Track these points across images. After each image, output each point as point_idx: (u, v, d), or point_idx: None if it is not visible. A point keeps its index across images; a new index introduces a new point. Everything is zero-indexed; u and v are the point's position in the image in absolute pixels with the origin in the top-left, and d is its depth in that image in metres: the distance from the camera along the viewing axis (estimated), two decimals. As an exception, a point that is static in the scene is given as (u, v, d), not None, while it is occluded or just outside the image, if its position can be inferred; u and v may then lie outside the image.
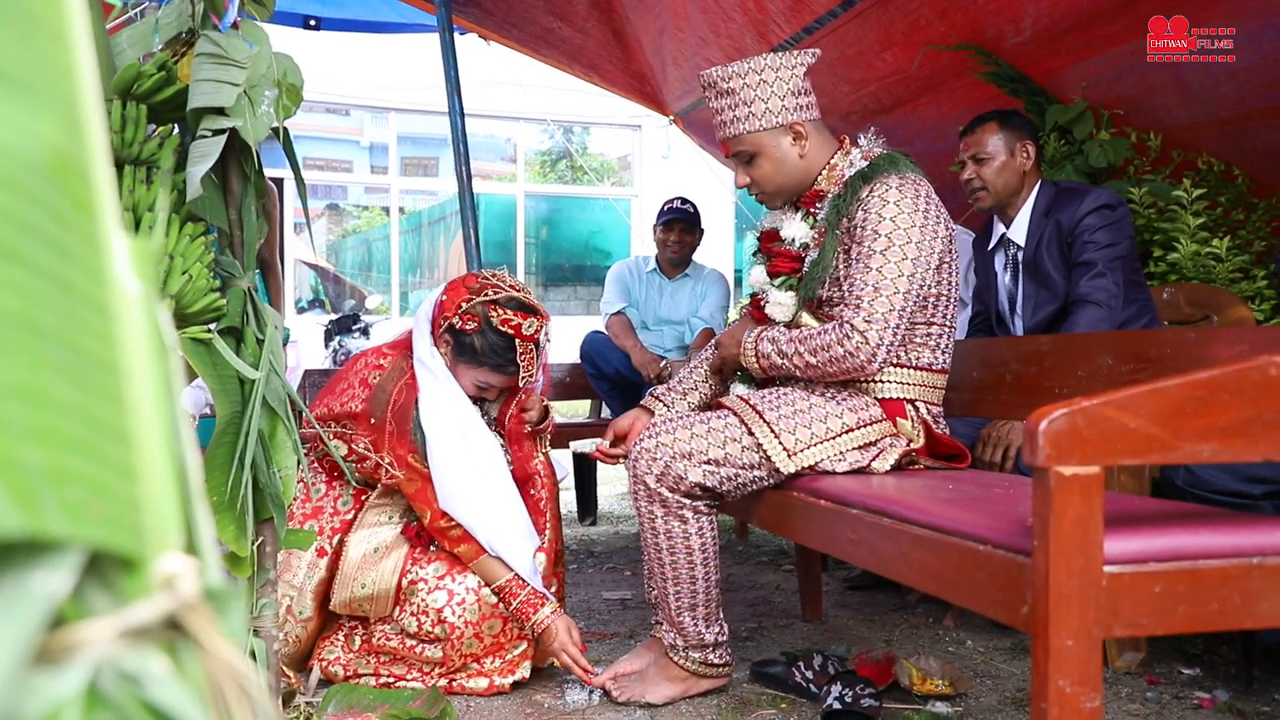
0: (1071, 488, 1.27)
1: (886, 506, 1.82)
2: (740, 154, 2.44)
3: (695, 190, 6.66)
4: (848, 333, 2.21)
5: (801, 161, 2.43)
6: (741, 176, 2.47)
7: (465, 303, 2.54)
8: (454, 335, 2.56)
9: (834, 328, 2.25)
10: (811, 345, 2.28)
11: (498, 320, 2.52)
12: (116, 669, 0.35)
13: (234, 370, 1.67)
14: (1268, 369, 1.33)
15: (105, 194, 0.38)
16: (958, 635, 2.95)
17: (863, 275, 2.25)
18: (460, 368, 2.57)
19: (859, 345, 2.20)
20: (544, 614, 2.46)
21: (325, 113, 13.58)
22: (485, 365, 2.55)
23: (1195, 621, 1.35)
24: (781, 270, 2.49)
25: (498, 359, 2.54)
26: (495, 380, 2.58)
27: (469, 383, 2.58)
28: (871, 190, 2.30)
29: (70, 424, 0.34)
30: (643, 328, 4.78)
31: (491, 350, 2.53)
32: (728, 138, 2.44)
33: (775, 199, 2.50)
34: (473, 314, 2.52)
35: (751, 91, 2.38)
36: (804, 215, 2.47)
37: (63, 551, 0.34)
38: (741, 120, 2.39)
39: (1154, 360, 2.09)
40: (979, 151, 3.15)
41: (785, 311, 2.46)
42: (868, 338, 2.20)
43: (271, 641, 1.77)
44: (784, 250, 2.50)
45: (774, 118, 2.39)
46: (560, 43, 5.41)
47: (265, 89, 1.67)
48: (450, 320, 2.54)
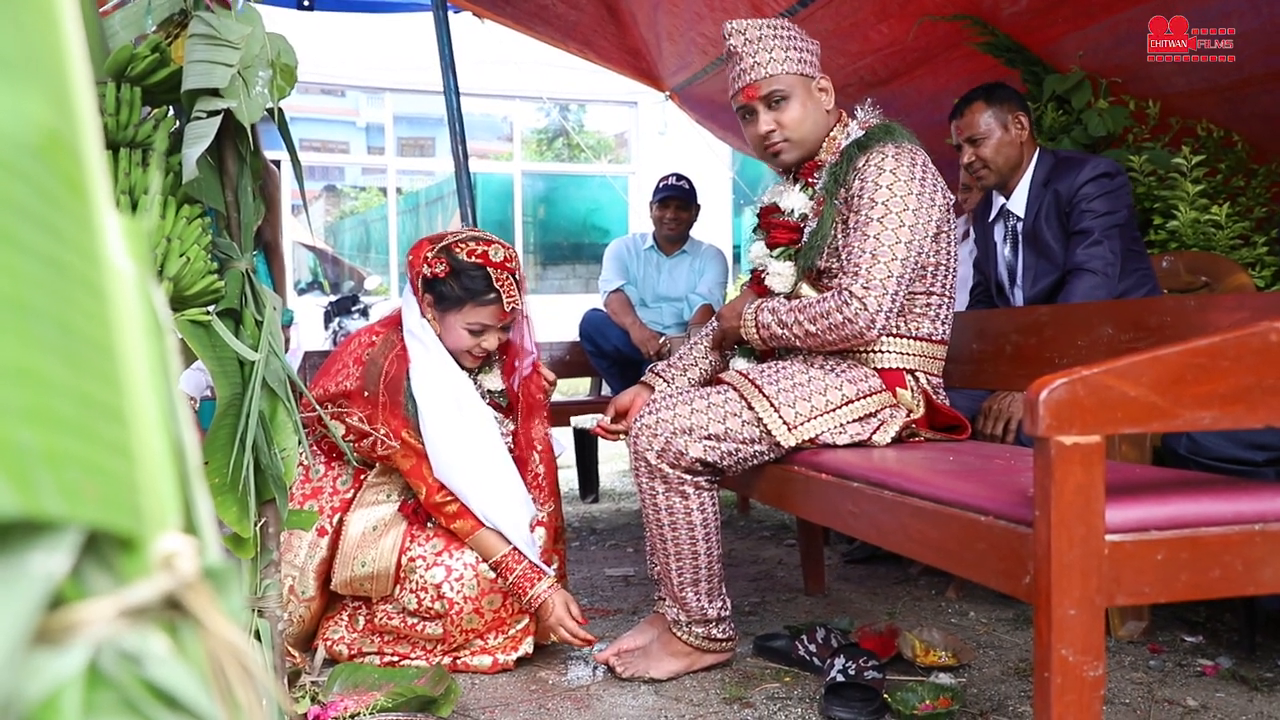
0: (1072, 457, 1.27)
1: (887, 479, 1.82)
2: (772, 95, 2.41)
3: (693, 166, 6.65)
4: (846, 299, 2.22)
5: (825, 117, 2.46)
6: (765, 122, 2.42)
7: (430, 252, 2.56)
8: (431, 288, 2.56)
9: (832, 295, 2.25)
10: (810, 314, 2.28)
11: (464, 254, 2.54)
12: (117, 648, 0.35)
13: (233, 352, 1.67)
14: (1268, 335, 1.33)
15: (97, 174, 0.38)
16: (960, 607, 2.96)
17: (860, 243, 2.25)
18: (448, 319, 2.57)
19: (857, 311, 2.21)
20: (541, 588, 2.47)
21: (321, 94, 13.54)
22: (467, 302, 2.55)
23: (1197, 589, 1.36)
24: (780, 241, 2.51)
25: (477, 290, 2.54)
26: (484, 316, 2.56)
27: (461, 331, 2.57)
28: (868, 159, 2.30)
29: (65, 405, 0.34)
30: (641, 305, 4.77)
31: (468, 284, 2.54)
32: (761, 78, 2.41)
33: (792, 151, 2.46)
34: (439, 258, 2.54)
35: (786, 39, 2.42)
36: (802, 186, 2.48)
37: (61, 532, 0.34)
38: (779, 61, 2.40)
39: (1154, 329, 2.09)
40: (972, 133, 3.13)
41: (784, 282, 2.47)
42: (866, 304, 2.21)
43: (276, 622, 1.78)
44: (783, 221, 2.51)
45: (809, 66, 2.44)
46: (554, 19, 5.38)
47: (259, 70, 1.67)
48: (421, 274, 2.55)
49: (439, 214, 14.55)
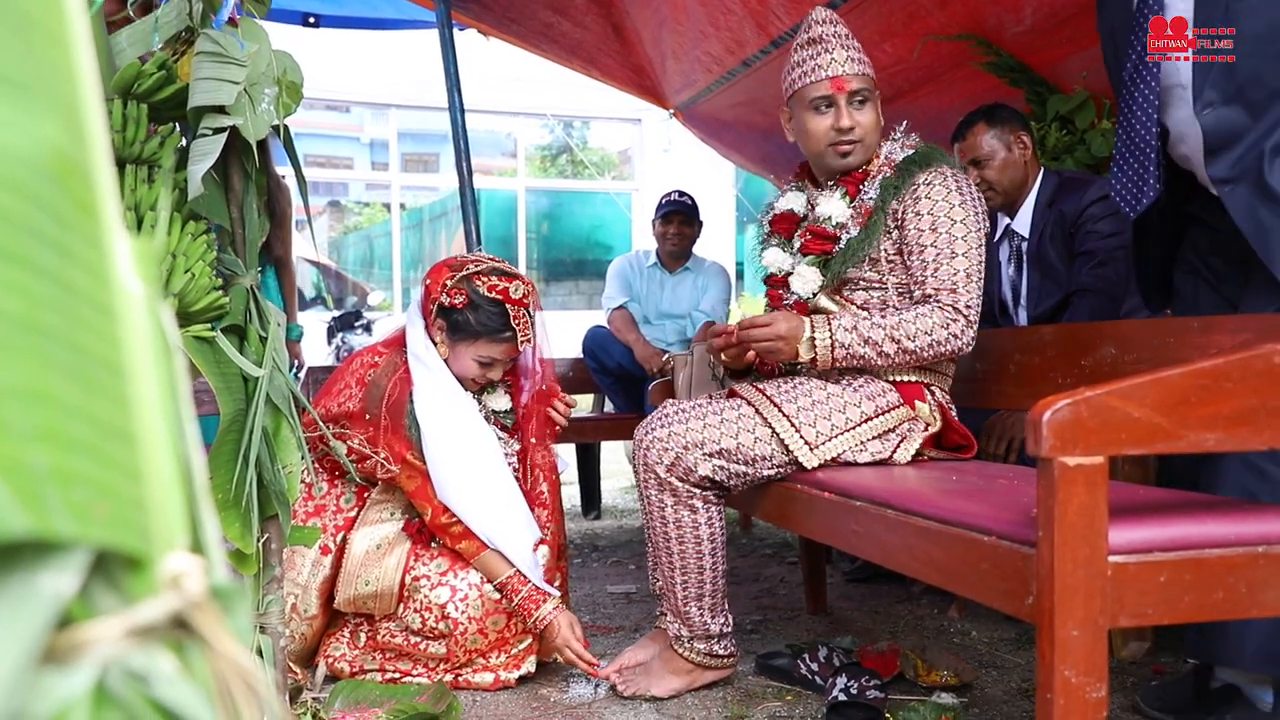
0: (1076, 478, 1.27)
1: (891, 498, 1.82)
2: (858, 93, 2.42)
3: (697, 183, 6.66)
4: (953, 316, 2.26)
5: (881, 125, 2.48)
6: (848, 117, 2.40)
7: (449, 280, 2.54)
8: (446, 315, 2.56)
9: (932, 311, 2.27)
10: (908, 330, 2.26)
11: (484, 288, 2.52)
12: (124, 668, 0.35)
13: (237, 368, 1.68)
14: (1271, 357, 1.33)
15: (107, 195, 0.38)
16: (963, 626, 2.96)
17: (950, 261, 2.29)
18: (459, 348, 2.57)
19: (964, 328, 2.27)
20: (546, 610, 2.46)
21: (326, 109, 13.58)
22: (482, 337, 2.55)
23: (1200, 611, 1.35)
24: (813, 249, 2.48)
25: (493, 326, 2.53)
26: (495, 351, 2.57)
27: (470, 361, 2.57)
28: (931, 179, 2.33)
29: (75, 425, 0.34)
30: (645, 322, 4.77)
31: (485, 319, 2.53)
32: (854, 74, 2.40)
33: (859, 153, 2.44)
34: (459, 289, 2.53)
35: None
36: (843, 194, 2.47)
37: (69, 552, 0.34)
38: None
39: (1157, 349, 2.09)
40: (975, 154, 3.13)
41: (809, 286, 2.46)
42: (970, 320, 2.27)
43: (278, 638, 1.78)
44: (819, 229, 2.48)
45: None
46: (559, 37, 5.39)
47: (265, 87, 1.67)
48: (439, 301, 2.55)
49: (443, 230, 14.58)
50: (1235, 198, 1.88)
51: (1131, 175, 2.07)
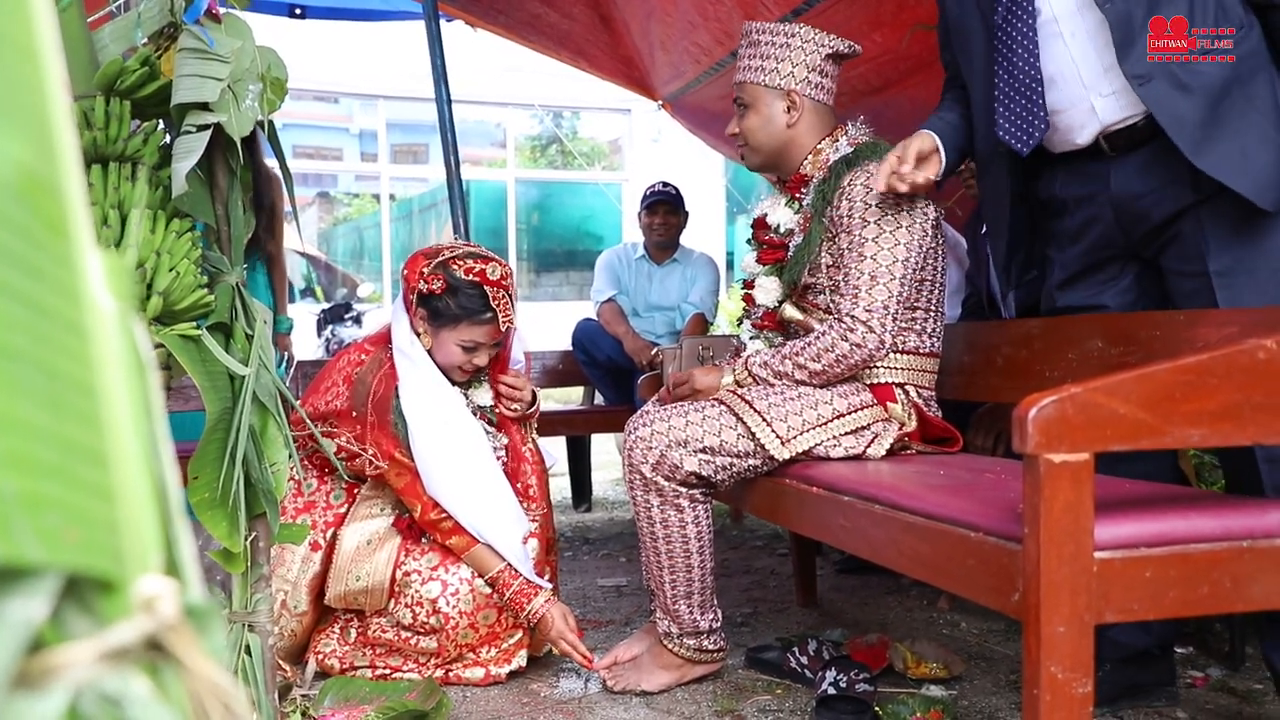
0: (1061, 475, 1.27)
1: (878, 493, 1.82)
2: (738, 100, 2.52)
3: (686, 173, 6.66)
4: (850, 326, 2.24)
5: (787, 131, 2.47)
6: (732, 124, 2.54)
7: (426, 268, 2.54)
8: (426, 303, 2.55)
9: (831, 327, 2.27)
10: (812, 352, 2.28)
11: (461, 271, 2.52)
12: (98, 691, 0.35)
13: (223, 367, 1.67)
14: (1256, 352, 1.33)
15: (78, 213, 0.38)
16: (952, 618, 2.97)
17: (857, 264, 2.27)
18: (442, 334, 2.56)
19: (864, 336, 2.23)
20: (538, 603, 2.46)
21: (314, 100, 13.52)
22: (463, 320, 2.54)
23: (1186, 606, 1.36)
24: (766, 259, 2.54)
25: (473, 308, 2.53)
26: (478, 335, 2.56)
27: (454, 347, 2.56)
28: (853, 179, 2.31)
29: (45, 449, 0.34)
30: (634, 314, 4.77)
31: (465, 301, 2.53)
32: (735, 83, 2.53)
33: (754, 156, 2.54)
34: (436, 274, 2.53)
35: (772, 49, 2.46)
36: (788, 200, 2.50)
37: (40, 577, 0.34)
38: (751, 70, 2.48)
39: (1144, 342, 2.09)
40: None
41: (771, 296, 2.50)
42: (871, 327, 2.23)
43: (267, 636, 1.78)
44: (769, 239, 2.54)
45: (777, 79, 2.45)
46: (547, 29, 5.37)
47: (249, 83, 1.66)
48: (418, 289, 2.54)
49: (432, 221, 14.54)
50: (1152, 91, 1.93)
51: (1019, 112, 2.11)
